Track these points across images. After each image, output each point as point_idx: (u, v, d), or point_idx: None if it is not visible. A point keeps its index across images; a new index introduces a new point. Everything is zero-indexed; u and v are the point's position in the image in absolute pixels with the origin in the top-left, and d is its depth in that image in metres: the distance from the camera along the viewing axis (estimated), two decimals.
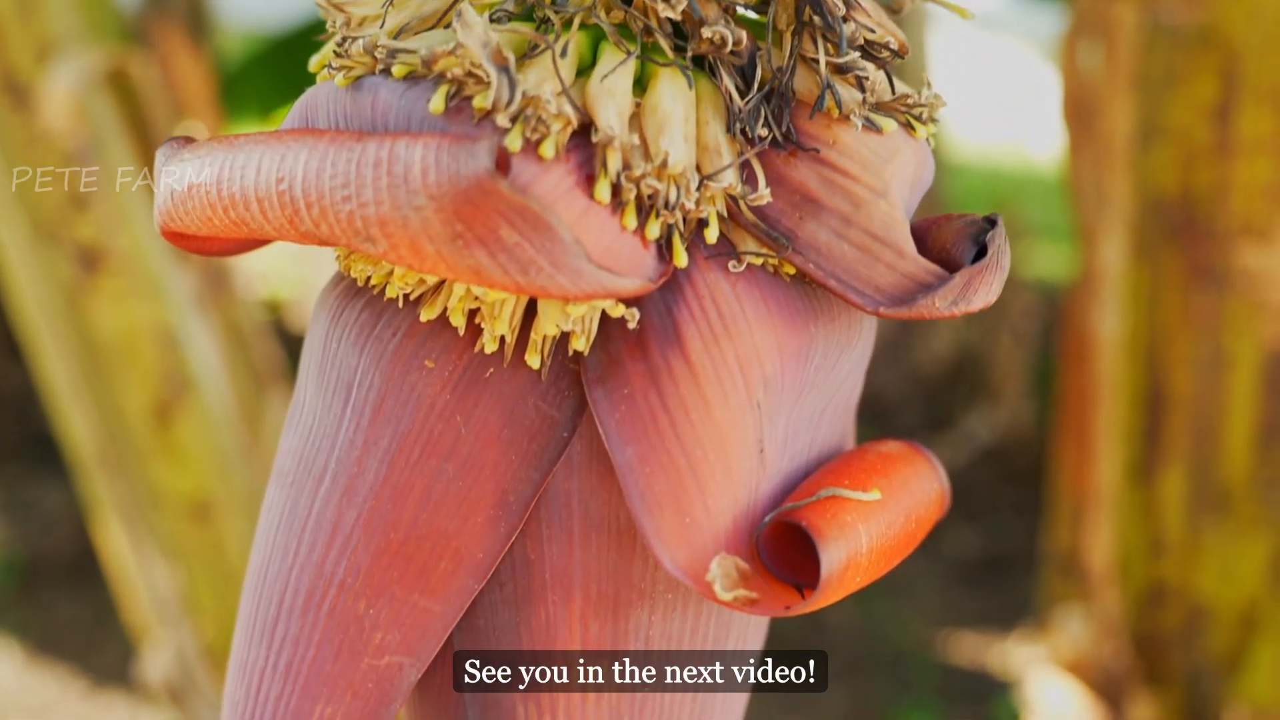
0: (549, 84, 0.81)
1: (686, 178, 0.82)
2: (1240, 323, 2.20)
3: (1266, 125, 2.06)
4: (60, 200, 2.59)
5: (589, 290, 0.77)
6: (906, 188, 0.89)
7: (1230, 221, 2.14)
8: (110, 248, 2.62)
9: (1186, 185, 2.14)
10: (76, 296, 2.66)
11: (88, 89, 2.54)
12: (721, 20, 0.84)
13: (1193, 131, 2.10)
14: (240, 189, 0.82)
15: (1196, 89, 2.07)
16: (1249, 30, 2.01)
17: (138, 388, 2.73)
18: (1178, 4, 2.04)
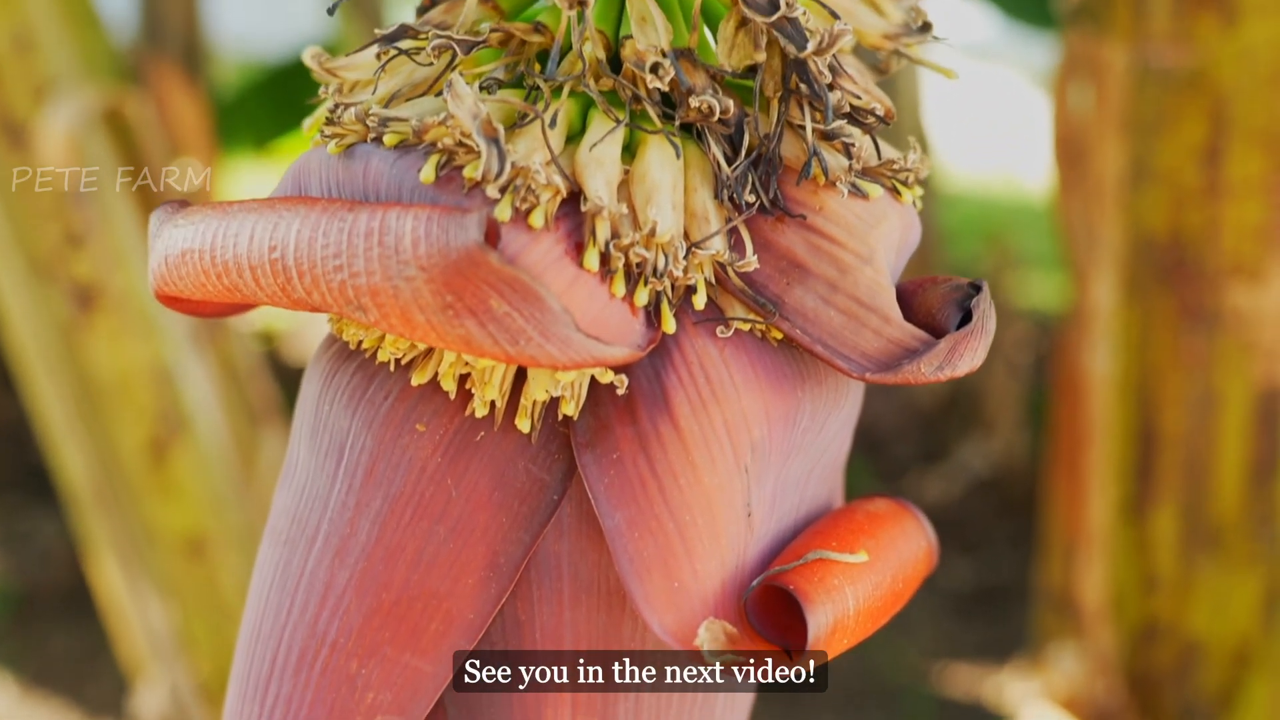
0: (538, 154, 0.82)
1: (674, 246, 0.83)
2: (1231, 362, 2.21)
3: (1256, 167, 2.07)
4: (56, 238, 2.60)
5: (578, 359, 0.78)
6: (892, 252, 0.90)
7: (1220, 262, 2.15)
8: (106, 286, 2.63)
9: (1177, 226, 2.15)
10: (72, 334, 2.66)
11: (84, 128, 2.55)
12: (709, 89, 0.85)
13: (1183, 173, 2.11)
14: (233, 256, 0.82)
15: (1186, 131, 2.09)
16: (1238, 73, 2.03)
17: (133, 425, 2.74)
18: (1167, 47, 2.05)
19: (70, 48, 2.55)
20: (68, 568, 4.63)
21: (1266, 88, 2.03)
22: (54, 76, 2.52)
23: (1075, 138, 2.29)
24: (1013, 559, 4.90)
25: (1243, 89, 2.04)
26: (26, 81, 2.51)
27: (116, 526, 2.85)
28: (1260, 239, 2.12)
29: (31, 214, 2.58)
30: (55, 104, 2.51)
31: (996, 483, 5.32)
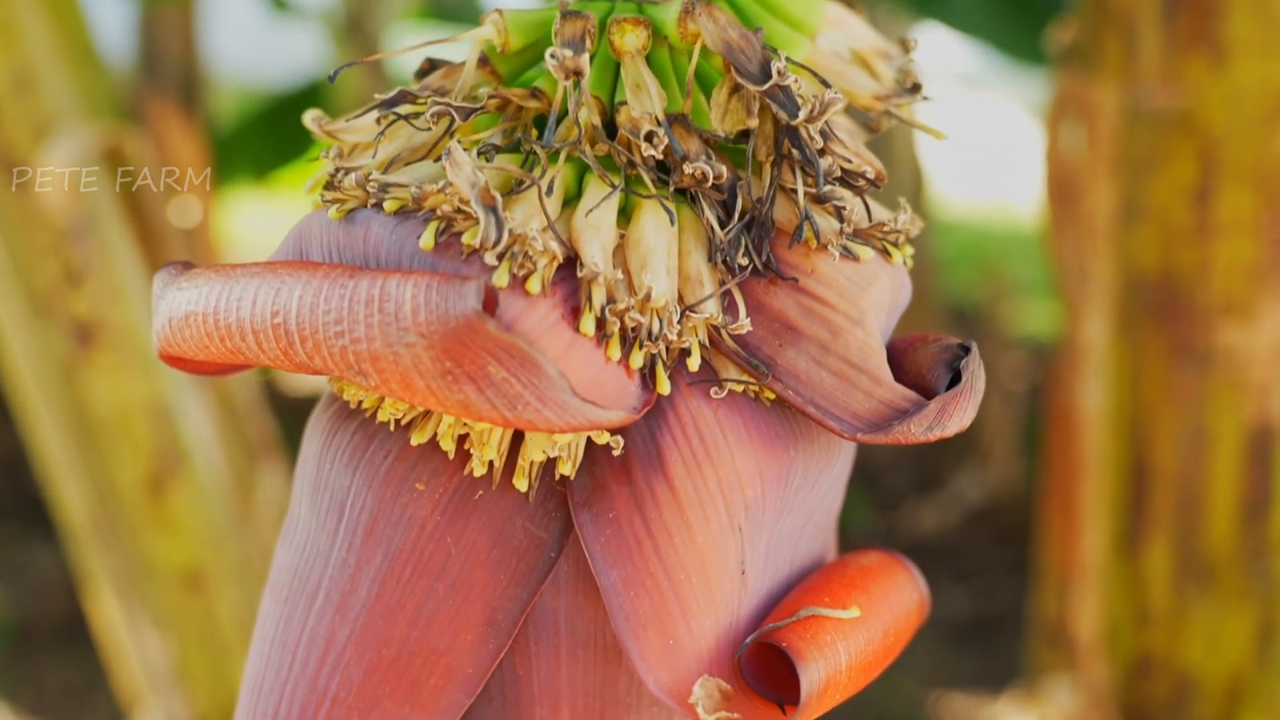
0: (535, 220, 0.84)
1: (669, 310, 0.85)
2: (1222, 400, 2.22)
3: (1245, 207, 2.09)
4: (55, 275, 2.61)
5: (574, 423, 0.80)
6: (883, 313, 0.91)
7: (1211, 301, 2.17)
8: (105, 322, 2.65)
9: (1168, 265, 2.17)
10: (71, 370, 2.68)
11: (83, 166, 2.57)
12: (703, 156, 0.87)
13: (1173, 212, 2.13)
14: (236, 320, 0.84)
15: (1176, 171, 2.11)
16: (1227, 114, 2.05)
17: (131, 460, 2.75)
18: (1157, 88, 2.08)
19: (70, 86, 2.57)
20: (65, 599, 4.63)
21: (1256, 128, 2.05)
22: (54, 115, 2.54)
23: (1067, 176, 2.31)
24: (1008, 588, 4.91)
25: (1232, 129, 2.06)
26: (27, 120, 2.53)
27: (114, 560, 2.86)
28: (1250, 277, 2.14)
29: (31, 251, 2.60)
30: (55, 142, 2.53)
31: (992, 512, 5.33)
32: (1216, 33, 2.00)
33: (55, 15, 2.58)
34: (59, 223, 2.58)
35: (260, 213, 7.52)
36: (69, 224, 2.58)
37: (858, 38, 1.03)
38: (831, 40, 1.02)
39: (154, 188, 2.70)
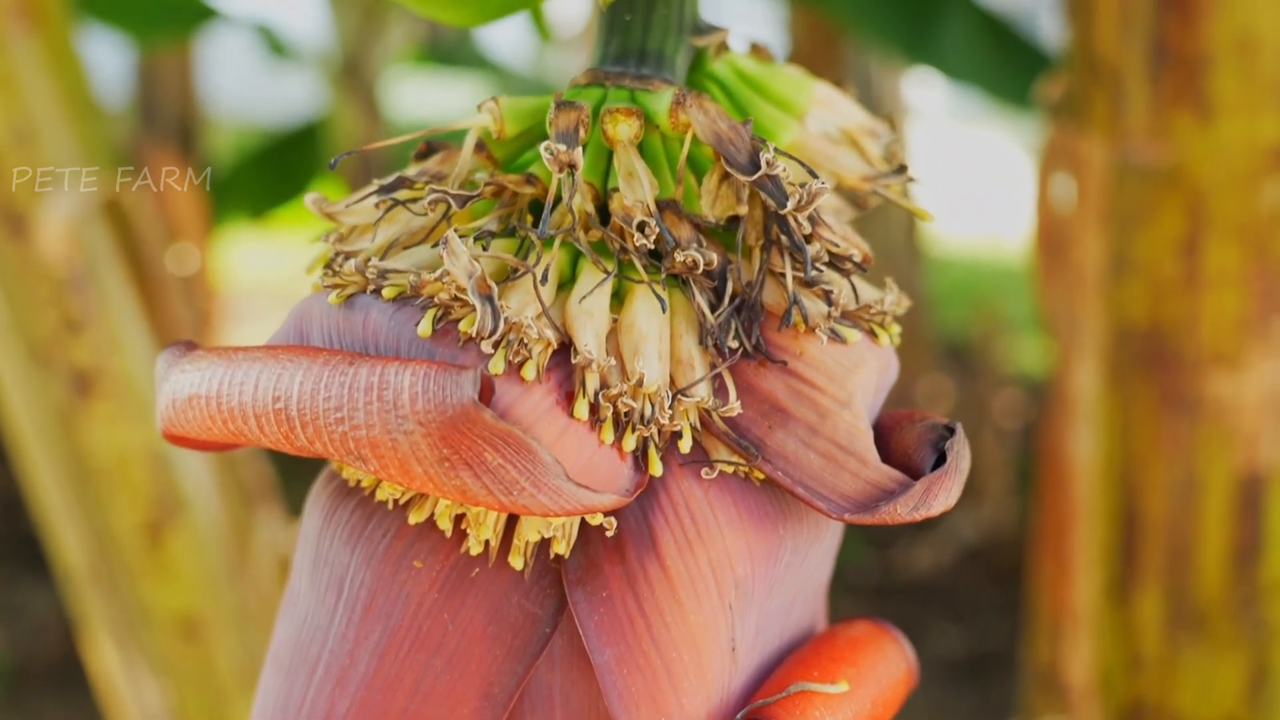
0: (530, 307, 0.86)
1: (661, 395, 0.87)
2: (1212, 449, 2.24)
3: (1232, 260, 2.12)
4: (54, 325, 2.63)
5: (568, 508, 0.82)
6: (870, 394, 0.94)
7: (1200, 352, 2.19)
8: (103, 371, 2.66)
9: (1156, 316, 2.19)
10: (69, 419, 2.69)
11: (83, 218, 2.60)
12: (694, 243, 0.89)
13: (1161, 265, 2.16)
14: (239, 405, 0.86)
15: (1164, 224, 2.13)
16: (1213, 169, 2.08)
17: (129, 507, 2.76)
18: (1145, 143, 2.10)
19: (70, 139, 2.60)
20: (61, 640, 4.64)
21: (1242, 183, 2.08)
22: (53, 168, 2.57)
23: (1057, 228, 2.33)
24: (1003, 627, 4.92)
25: (1219, 184, 2.09)
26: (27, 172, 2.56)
27: (112, 606, 2.87)
28: (1238, 329, 2.17)
29: (31, 301, 2.62)
30: (55, 195, 2.55)
31: (986, 550, 5.35)
32: (1202, 89, 2.03)
33: (56, 69, 2.61)
34: (58, 273, 2.60)
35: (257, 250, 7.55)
36: (68, 274, 2.60)
37: (846, 117, 1.06)
38: (820, 120, 1.05)
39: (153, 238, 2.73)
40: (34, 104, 2.56)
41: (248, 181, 5.14)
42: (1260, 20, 1.98)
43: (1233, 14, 1.99)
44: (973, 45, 3.13)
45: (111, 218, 2.69)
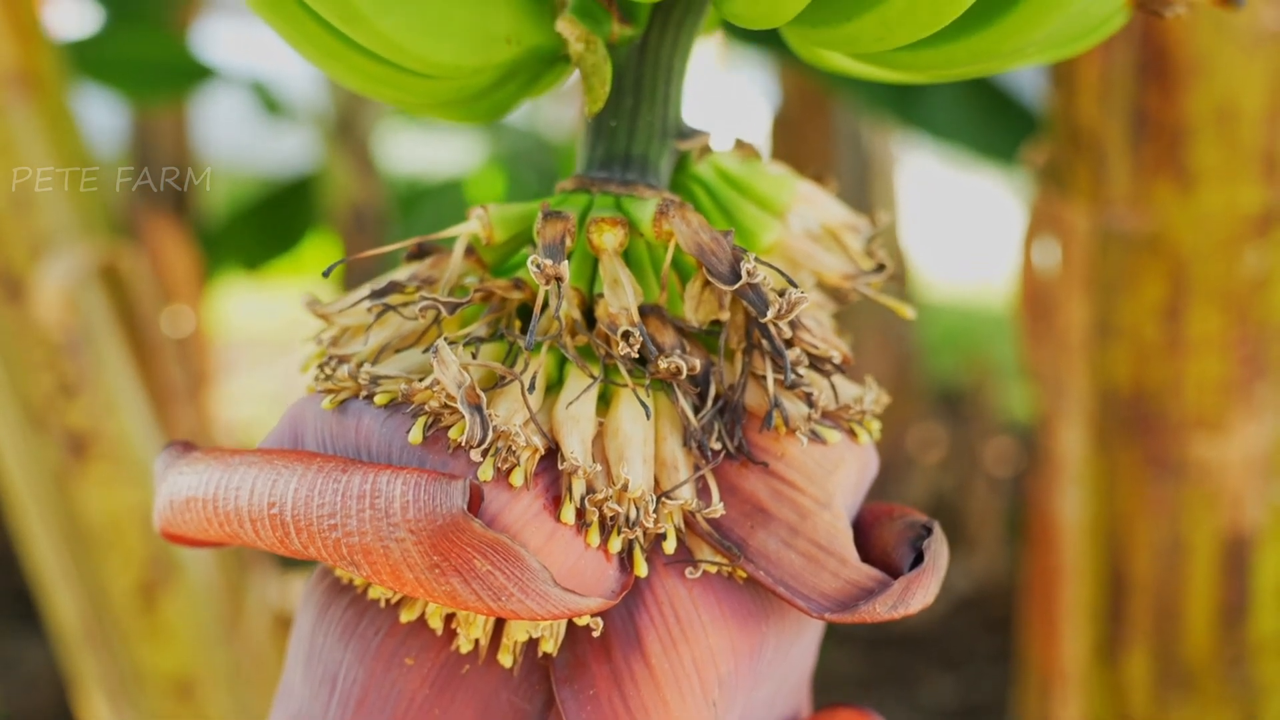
0: (518, 415, 0.88)
1: (645, 500, 0.89)
2: (1197, 510, 2.26)
3: (1214, 325, 2.14)
4: (49, 388, 2.66)
5: (555, 612, 0.84)
6: (850, 493, 0.96)
7: (1184, 415, 2.21)
8: (98, 434, 2.69)
9: (1140, 380, 2.22)
10: (64, 481, 2.71)
11: (79, 282, 2.62)
12: (677, 349, 0.92)
13: (1144, 330, 2.18)
14: (234, 509, 0.88)
15: (1147, 290, 2.16)
16: (1194, 237, 2.10)
17: (123, 569, 2.78)
18: (1126, 211, 2.13)
19: (67, 205, 2.63)
20: (55, 695, 4.63)
21: (1222, 250, 2.11)
22: (51, 233, 2.60)
23: (1042, 292, 2.36)
24: (995, 676, 4.93)
25: (1200, 251, 2.11)
26: (24, 238, 2.58)
27: (106, 666, 2.88)
28: (1221, 393, 2.19)
29: (27, 364, 2.64)
30: (52, 260, 2.58)
31: (979, 600, 5.36)
32: (1183, 159, 2.06)
33: (53, 134, 2.64)
34: (54, 337, 2.62)
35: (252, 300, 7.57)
36: (64, 338, 2.62)
37: (828, 213, 1.08)
38: (802, 217, 1.07)
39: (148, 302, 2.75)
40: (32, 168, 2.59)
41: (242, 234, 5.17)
42: (1239, 91, 2.02)
43: (1212, 85, 2.02)
44: (960, 105, 3.17)
45: (107, 281, 2.72)
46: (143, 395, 2.76)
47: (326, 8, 0.88)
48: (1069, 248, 2.26)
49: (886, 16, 0.84)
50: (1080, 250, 2.23)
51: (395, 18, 0.88)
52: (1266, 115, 2.03)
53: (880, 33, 0.86)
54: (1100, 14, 0.95)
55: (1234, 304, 2.14)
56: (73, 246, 2.60)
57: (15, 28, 2.63)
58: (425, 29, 0.90)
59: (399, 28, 0.89)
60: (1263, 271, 2.12)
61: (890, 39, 0.86)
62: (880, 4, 0.83)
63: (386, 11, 0.88)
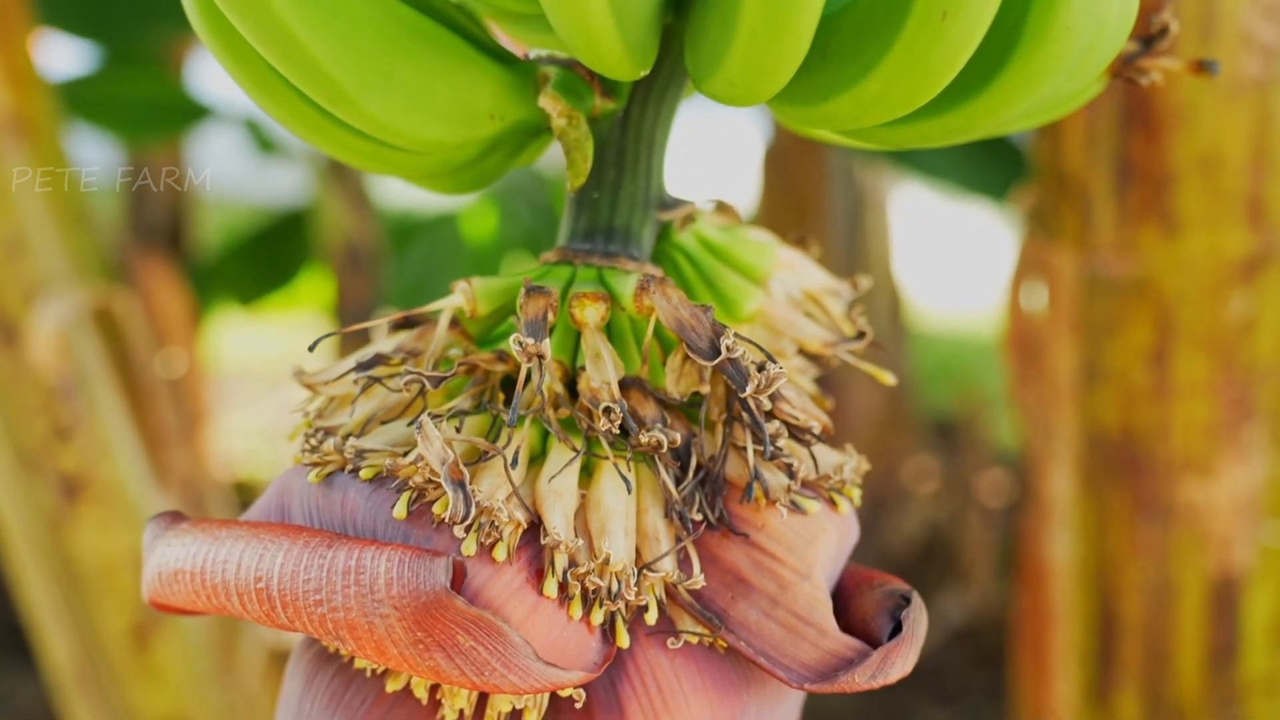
0: (501, 490, 0.89)
1: (627, 572, 0.90)
2: (1186, 553, 2.28)
3: (1201, 369, 2.16)
4: (44, 432, 2.67)
5: (538, 686, 0.85)
6: (830, 561, 0.97)
7: (1172, 458, 2.23)
8: (91, 477, 2.69)
9: (1128, 423, 2.23)
10: (58, 524, 2.72)
11: (73, 326, 2.63)
12: (658, 423, 0.93)
13: (1131, 374, 2.20)
14: (222, 582, 0.89)
15: (1134, 335, 2.17)
16: (1180, 283, 2.12)
17: (116, 612, 2.78)
18: (1112, 257, 2.15)
19: (61, 250, 2.64)
20: None
21: (1208, 295, 2.12)
22: (45, 277, 2.61)
23: (1029, 335, 2.38)
24: (990, 710, 4.92)
25: (1185, 297, 2.13)
26: (18, 283, 2.60)
27: (99, 708, 2.89)
28: (1208, 436, 2.20)
29: (21, 408, 2.65)
30: (46, 304, 2.59)
31: (973, 633, 5.35)
32: (1168, 206, 2.07)
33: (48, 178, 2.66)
34: (49, 381, 2.63)
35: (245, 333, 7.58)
36: (58, 382, 2.63)
37: (808, 279, 1.10)
38: (784, 283, 1.09)
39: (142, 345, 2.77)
40: (25, 216, 2.61)
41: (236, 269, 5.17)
42: (1222, 139, 2.03)
43: (1195, 133, 2.04)
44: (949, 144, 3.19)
45: (101, 325, 2.73)
46: (136, 438, 2.77)
47: (313, 89, 0.89)
48: (1056, 292, 2.28)
49: (861, 98, 0.85)
50: (1068, 294, 2.24)
51: (381, 98, 0.90)
52: (1250, 162, 2.05)
53: (856, 113, 0.87)
54: (1076, 88, 0.97)
55: (1221, 348, 2.15)
56: (67, 291, 2.62)
57: (9, 72, 2.65)
58: (410, 108, 0.91)
59: (385, 108, 0.90)
60: (1248, 316, 2.14)
61: (866, 119, 0.88)
62: (855, 87, 0.85)
63: (372, 92, 0.89)
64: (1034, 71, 0.84)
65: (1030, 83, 0.85)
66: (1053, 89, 0.88)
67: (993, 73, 0.85)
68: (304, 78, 0.89)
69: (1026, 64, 0.84)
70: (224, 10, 0.87)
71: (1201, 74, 1.08)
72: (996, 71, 0.85)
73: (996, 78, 0.85)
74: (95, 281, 2.70)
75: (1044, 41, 0.82)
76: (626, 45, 0.85)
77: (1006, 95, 0.86)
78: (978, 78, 0.85)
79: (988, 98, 0.87)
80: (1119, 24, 0.87)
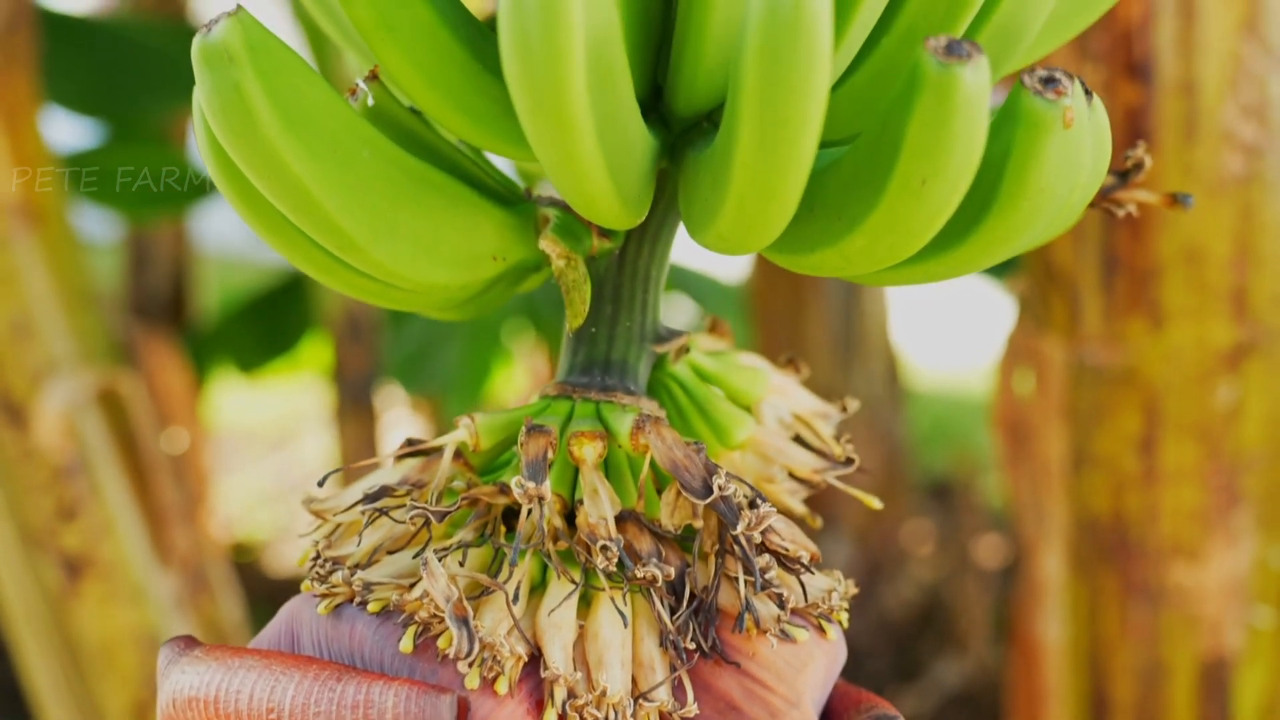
0: (503, 624, 0.93)
1: (623, 703, 0.94)
2: (1177, 635, 2.31)
3: (1188, 456, 2.20)
4: (48, 511, 2.70)
5: None
6: (819, 688, 1.01)
7: (1161, 542, 2.26)
8: (94, 556, 2.73)
9: (1118, 508, 2.27)
10: (61, 602, 2.75)
11: (79, 408, 2.67)
12: (653, 557, 0.97)
13: (1121, 460, 2.24)
14: (235, 711, 0.93)
15: (1122, 422, 2.21)
16: (1167, 372, 2.16)
17: (118, 688, 2.81)
18: (1101, 347, 2.19)
19: (68, 334, 2.68)
20: None
21: (1194, 384, 2.17)
22: (52, 360, 2.65)
23: (1020, 419, 2.42)
24: None
25: (1172, 385, 2.17)
26: (26, 365, 2.64)
27: None
28: (1197, 521, 2.24)
29: (26, 487, 2.69)
30: (53, 386, 2.63)
31: (970, 698, 5.37)
32: (1153, 297, 2.12)
33: (55, 264, 2.70)
34: (54, 461, 2.67)
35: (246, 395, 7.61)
36: (64, 462, 2.67)
37: (798, 403, 1.14)
38: (774, 407, 1.13)
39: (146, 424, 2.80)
40: (33, 298, 2.65)
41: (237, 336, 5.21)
42: (1206, 234, 2.08)
43: (1179, 228, 2.08)
44: None
45: (106, 405, 2.77)
46: (139, 517, 2.81)
47: (325, 238, 0.94)
48: (1046, 379, 2.32)
49: (847, 252, 0.90)
50: (1057, 381, 2.29)
51: (389, 247, 0.94)
52: (1233, 257, 2.10)
53: (842, 263, 0.92)
54: (1052, 230, 1.01)
55: (1208, 435, 2.19)
56: (73, 372, 2.66)
57: (17, 156, 2.70)
58: (417, 256, 0.96)
59: (393, 256, 0.95)
60: (1234, 403, 2.18)
61: (851, 269, 0.92)
62: (840, 241, 0.89)
63: (380, 242, 0.94)
64: (1010, 227, 0.88)
65: (1008, 237, 0.89)
66: (1031, 238, 0.92)
67: (971, 227, 0.89)
68: (316, 228, 0.93)
69: (1003, 220, 0.88)
70: (240, 166, 0.91)
71: (1175, 207, 1.13)
72: (975, 226, 0.89)
73: (974, 232, 0.89)
74: (101, 362, 2.74)
75: (1019, 200, 0.87)
76: (623, 203, 0.89)
77: (985, 247, 0.90)
78: (957, 231, 0.90)
79: (967, 249, 0.91)
80: (1091, 180, 0.91)
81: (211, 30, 0.89)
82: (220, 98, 0.89)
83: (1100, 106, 0.91)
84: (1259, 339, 2.16)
